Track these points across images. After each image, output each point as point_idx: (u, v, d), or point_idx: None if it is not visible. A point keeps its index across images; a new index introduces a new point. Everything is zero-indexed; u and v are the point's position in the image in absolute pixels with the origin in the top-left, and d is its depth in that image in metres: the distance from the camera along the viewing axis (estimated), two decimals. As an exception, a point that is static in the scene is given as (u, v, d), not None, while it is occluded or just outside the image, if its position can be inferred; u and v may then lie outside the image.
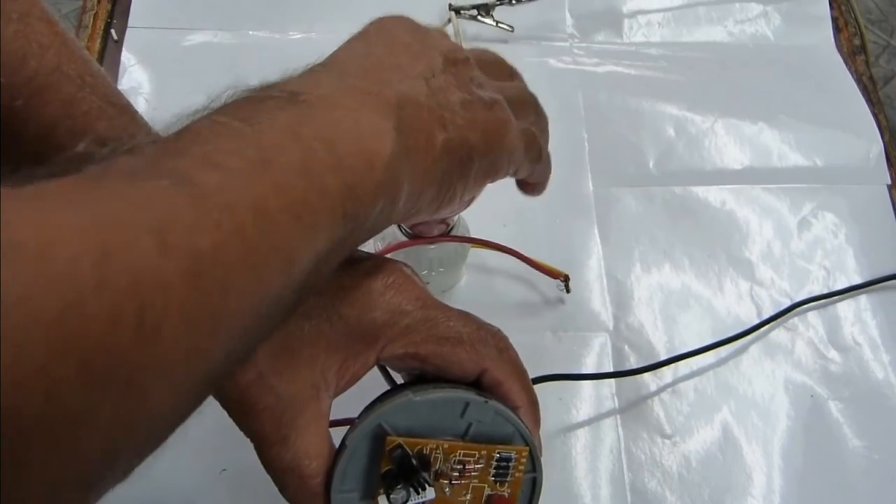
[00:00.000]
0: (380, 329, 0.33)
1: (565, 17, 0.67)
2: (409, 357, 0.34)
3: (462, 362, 0.34)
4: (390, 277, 0.34)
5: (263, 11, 0.65)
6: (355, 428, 0.33)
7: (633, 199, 0.59)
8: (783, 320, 0.55)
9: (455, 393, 0.34)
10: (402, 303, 0.34)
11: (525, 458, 0.35)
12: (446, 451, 0.33)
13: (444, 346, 0.34)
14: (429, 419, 0.33)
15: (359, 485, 0.34)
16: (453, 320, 0.35)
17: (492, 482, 0.34)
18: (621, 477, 0.49)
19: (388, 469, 0.33)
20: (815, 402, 0.53)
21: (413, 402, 0.33)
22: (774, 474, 0.50)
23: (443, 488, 0.34)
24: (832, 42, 0.67)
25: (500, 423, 0.34)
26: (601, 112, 0.63)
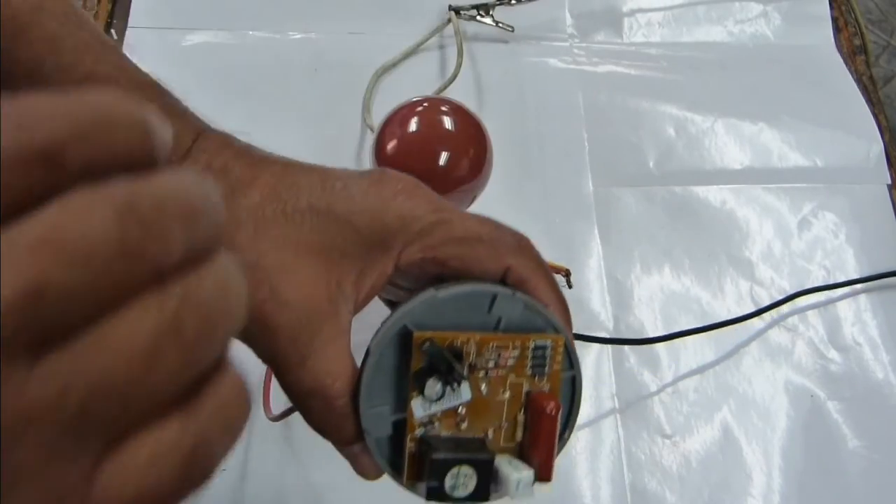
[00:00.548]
0: (394, 234, 0.31)
1: (565, 17, 0.67)
2: (428, 262, 0.32)
3: (483, 262, 0.32)
4: (399, 184, 0.32)
5: (263, 11, 0.65)
6: (378, 334, 0.31)
7: (633, 199, 0.59)
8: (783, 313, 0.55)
9: (481, 286, 0.32)
10: (415, 207, 0.32)
11: (561, 348, 0.32)
12: (478, 343, 0.31)
13: (463, 246, 0.32)
14: (455, 317, 0.31)
15: (388, 397, 0.31)
16: (470, 221, 0.33)
17: (529, 377, 0.32)
18: (621, 477, 0.49)
19: (419, 369, 0.31)
20: (815, 402, 0.53)
21: (437, 298, 0.31)
22: (774, 474, 0.50)
23: (478, 386, 0.32)
24: (832, 42, 0.67)
25: (530, 317, 0.32)
26: (601, 112, 0.63)
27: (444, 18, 0.64)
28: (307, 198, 0.31)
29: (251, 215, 0.30)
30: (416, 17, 0.64)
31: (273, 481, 0.48)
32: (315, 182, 0.32)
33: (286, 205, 0.31)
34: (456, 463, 0.30)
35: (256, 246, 0.30)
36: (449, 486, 0.30)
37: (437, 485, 0.30)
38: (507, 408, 0.32)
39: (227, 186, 0.30)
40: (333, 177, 0.32)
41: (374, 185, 0.32)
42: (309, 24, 0.65)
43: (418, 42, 0.63)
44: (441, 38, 0.64)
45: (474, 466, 0.30)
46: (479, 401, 0.32)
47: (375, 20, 0.65)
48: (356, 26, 0.64)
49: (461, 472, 0.30)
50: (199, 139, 0.31)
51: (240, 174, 0.31)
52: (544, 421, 0.31)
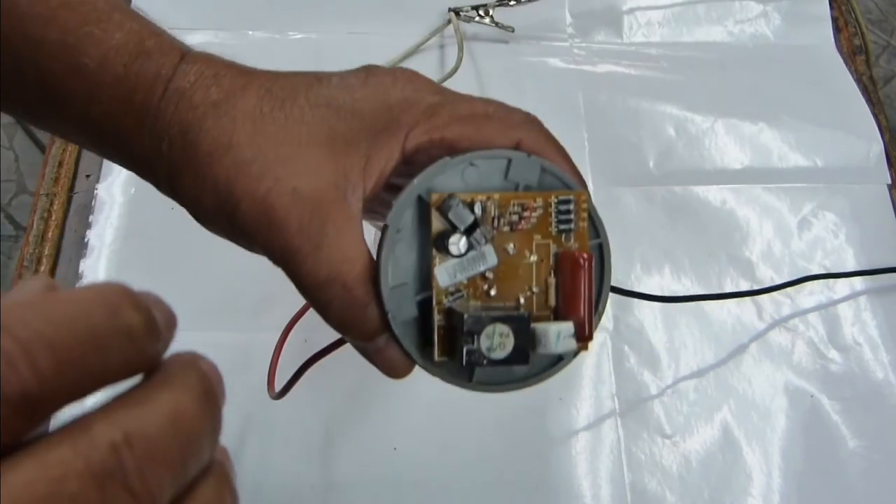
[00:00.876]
0: (398, 117, 0.31)
1: (565, 17, 0.67)
2: (436, 144, 0.31)
3: (493, 139, 0.31)
4: (397, 72, 0.32)
5: (263, 11, 0.65)
6: (393, 208, 0.30)
7: (633, 199, 0.59)
8: (783, 314, 0.55)
9: (495, 150, 0.30)
10: (418, 90, 0.31)
11: (585, 204, 0.31)
12: (499, 201, 0.30)
13: (471, 124, 0.31)
14: (471, 185, 0.30)
15: (410, 274, 0.30)
16: (475, 100, 0.32)
17: (556, 237, 0.30)
18: (621, 477, 0.49)
19: (440, 232, 0.29)
20: (815, 402, 0.53)
21: (450, 162, 0.30)
22: (774, 474, 0.50)
23: (504, 247, 0.30)
24: (832, 42, 0.67)
25: (548, 180, 0.31)
26: (601, 112, 0.63)
27: (444, 19, 0.64)
28: (304, 94, 0.31)
29: (248, 116, 0.30)
30: (416, 17, 0.64)
31: (272, 480, 0.48)
32: (310, 80, 0.31)
33: (283, 103, 0.30)
34: (490, 321, 0.28)
35: (255, 142, 0.29)
36: (485, 347, 0.28)
37: (474, 347, 0.28)
38: (536, 272, 0.30)
39: (220, 92, 0.30)
40: (328, 75, 0.32)
41: (371, 76, 0.32)
42: (309, 25, 0.65)
43: (418, 42, 0.63)
44: (441, 38, 0.64)
45: (510, 324, 0.28)
46: (506, 265, 0.30)
47: (376, 20, 0.65)
48: (356, 27, 0.64)
49: (497, 331, 0.28)
50: (188, 53, 0.31)
51: (232, 80, 0.30)
52: (577, 273, 0.30)
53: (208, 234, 0.32)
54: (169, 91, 0.29)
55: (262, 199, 0.29)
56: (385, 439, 0.49)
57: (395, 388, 0.51)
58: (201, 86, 0.30)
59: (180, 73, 0.30)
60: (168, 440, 0.16)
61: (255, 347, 0.48)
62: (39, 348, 0.14)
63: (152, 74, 0.30)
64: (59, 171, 0.59)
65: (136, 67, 0.29)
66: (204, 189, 0.29)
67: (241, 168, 0.29)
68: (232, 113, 0.30)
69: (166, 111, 0.29)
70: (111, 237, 0.55)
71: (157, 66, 0.30)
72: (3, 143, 1.49)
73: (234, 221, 0.29)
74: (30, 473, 0.14)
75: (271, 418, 0.49)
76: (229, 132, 0.29)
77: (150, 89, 0.30)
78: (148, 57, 0.30)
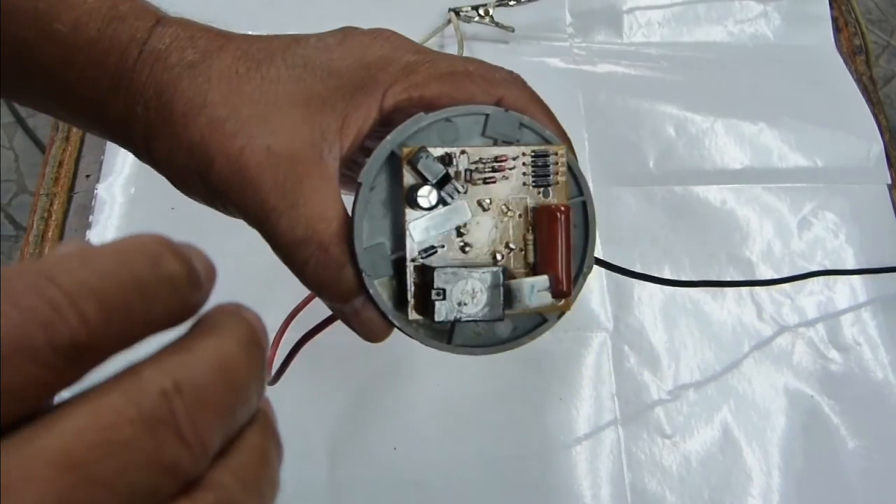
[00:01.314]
0: (376, 75, 0.30)
1: (565, 17, 0.67)
2: (415, 102, 0.30)
3: (474, 96, 0.30)
4: (376, 31, 0.32)
5: (262, 11, 0.65)
6: (366, 164, 0.29)
7: (633, 199, 0.59)
8: (784, 314, 0.55)
9: (472, 106, 0.30)
10: (394, 48, 0.31)
11: (563, 158, 0.30)
12: (472, 155, 0.29)
13: (451, 82, 0.31)
14: (447, 141, 0.29)
15: (385, 232, 0.29)
16: (455, 58, 0.32)
17: (533, 191, 0.30)
18: (621, 477, 0.49)
19: (412, 186, 0.28)
20: (814, 402, 0.53)
21: (425, 117, 0.29)
22: (774, 474, 0.50)
23: (479, 202, 0.29)
24: (832, 42, 0.67)
25: (528, 136, 0.30)
26: (601, 112, 0.63)
27: (444, 19, 0.64)
28: (281, 54, 0.30)
29: (223, 75, 0.29)
30: (417, 17, 0.64)
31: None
32: (288, 42, 0.31)
33: (260, 63, 0.30)
34: (462, 276, 0.27)
35: (230, 101, 0.29)
36: (457, 301, 0.27)
37: (445, 302, 0.27)
38: (514, 228, 0.30)
39: (196, 54, 0.30)
40: (305, 36, 0.32)
41: (349, 35, 0.32)
42: (309, 25, 0.64)
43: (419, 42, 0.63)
44: (441, 38, 0.64)
45: (482, 278, 0.28)
46: (482, 220, 0.29)
47: (375, 21, 0.65)
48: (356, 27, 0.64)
49: (470, 286, 0.28)
50: (164, 18, 0.31)
51: (207, 41, 0.30)
52: (553, 227, 0.29)
53: (207, 233, 0.31)
54: (144, 53, 0.29)
55: (236, 157, 0.28)
56: (385, 439, 0.49)
57: (396, 387, 0.51)
58: (177, 47, 0.30)
59: (156, 35, 0.30)
60: (216, 387, 0.16)
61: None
62: (86, 297, 0.14)
63: (127, 37, 0.29)
64: (59, 171, 0.59)
65: (109, 31, 0.29)
66: (179, 149, 0.29)
67: (216, 126, 0.29)
68: (207, 73, 0.29)
69: (141, 73, 0.29)
70: (111, 237, 0.55)
71: (131, 30, 0.29)
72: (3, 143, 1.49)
73: (208, 181, 0.29)
74: (82, 421, 0.14)
75: (271, 418, 0.49)
76: (204, 92, 0.29)
77: (125, 52, 0.29)
78: (122, 21, 0.30)
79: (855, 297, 0.56)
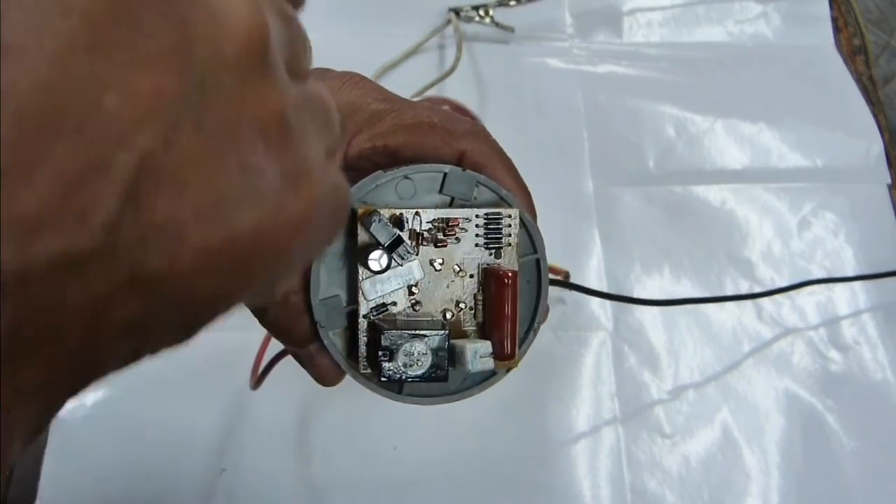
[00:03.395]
0: (341, 123, 0.31)
1: (565, 17, 0.67)
2: (379, 151, 0.30)
3: (437, 149, 0.30)
4: (344, 76, 0.31)
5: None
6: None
7: (633, 199, 0.59)
8: (783, 314, 0.55)
9: (430, 165, 0.30)
10: (362, 95, 0.31)
11: (517, 220, 0.30)
12: (426, 217, 0.30)
13: (415, 133, 0.30)
14: (405, 198, 0.30)
15: (340, 285, 0.30)
16: (420, 108, 0.31)
17: (486, 252, 0.30)
18: (621, 477, 0.49)
19: (365, 245, 0.29)
20: (814, 403, 0.53)
21: (383, 175, 0.29)
22: (774, 474, 0.50)
23: (431, 262, 0.30)
24: (832, 42, 0.67)
25: (485, 194, 0.30)
26: (601, 112, 0.63)
27: (444, 19, 0.64)
28: None
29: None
30: (417, 17, 0.64)
31: (271, 483, 0.48)
32: None
33: None
34: (407, 339, 0.28)
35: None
36: (403, 363, 0.28)
37: (391, 364, 0.28)
38: (465, 287, 0.31)
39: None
40: None
41: (316, 75, 0.30)
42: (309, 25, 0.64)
43: (418, 42, 0.63)
44: (441, 38, 0.64)
45: (427, 341, 0.29)
46: (433, 279, 0.30)
47: (376, 21, 0.65)
48: (356, 27, 0.64)
49: (415, 349, 0.28)
50: None
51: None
52: (501, 291, 0.30)
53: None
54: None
55: None
56: (385, 439, 0.49)
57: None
58: None
59: None
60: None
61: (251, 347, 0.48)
62: None
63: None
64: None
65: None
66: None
67: None
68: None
69: None
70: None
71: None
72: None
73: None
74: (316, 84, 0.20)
75: (272, 418, 0.49)
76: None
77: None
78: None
79: (854, 297, 0.56)
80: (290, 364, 0.37)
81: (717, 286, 0.56)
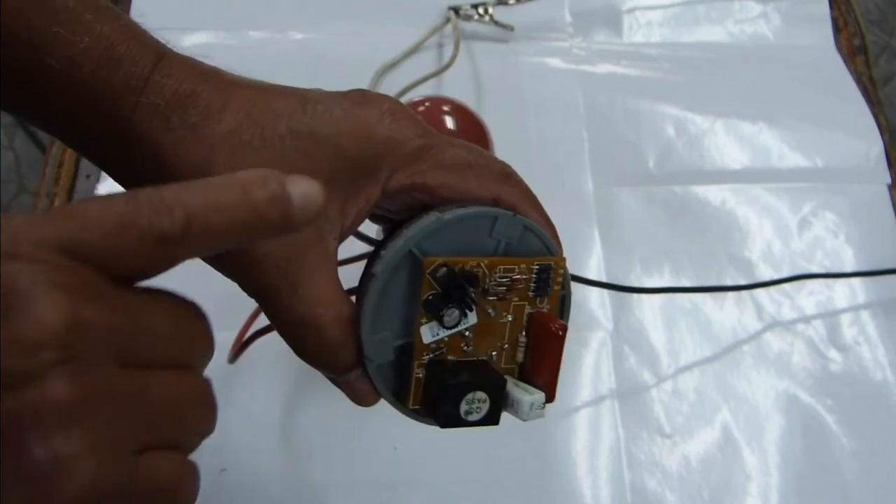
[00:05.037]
0: (381, 158, 0.30)
1: (565, 17, 0.67)
2: (417, 188, 0.31)
3: (473, 191, 0.31)
4: (384, 105, 0.31)
5: (263, 11, 0.65)
6: (383, 259, 0.30)
7: (633, 199, 0.59)
8: (783, 313, 0.55)
9: (483, 209, 0.31)
10: (403, 129, 0.31)
11: (562, 269, 0.32)
12: (488, 267, 0.30)
13: (453, 174, 0.31)
14: (458, 241, 0.30)
15: (393, 323, 0.30)
16: (457, 147, 0.32)
17: (531, 298, 0.32)
18: (621, 477, 0.49)
19: (430, 294, 0.30)
20: (814, 402, 0.53)
21: (443, 220, 0.30)
22: (774, 474, 0.50)
23: (486, 311, 0.31)
24: (832, 42, 0.67)
25: (529, 239, 0.32)
26: (601, 112, 0.63)
27: (443, 17, 0.64)
28: (286, 122, 0.29)
29: (226, 141, 0.29)
30: (417, 16, 0.64)
31: (271, 484, 0.48)
32: (293, 105, 0.30)
33: (264, 129, 0.29)
34: (471, 388, 0.29)
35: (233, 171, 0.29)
36: (464, 411, 0.29)
37: (453, 411, 0.29)
38: (509, 330, 0.32)
39: (196, 113, 0.29)
40: (313, 99, 0.30)
41: (357, 106, 0.31)
42: (310, 25, 0.65)
43: (418, 41, 0.63)
44: (441, 37, 0.64)
45: (488, 391, 0.29)
46: (483, 323, 0.31)
47: (376, 20, 0.65)
48: (357, 27, 0.64)
49: (476, 398, 0.29)
50: (161, 62, 0.29)
51: (209, 99, 0.29)
52: (551, 341, 0.31)
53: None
54: (142, 105, 0.29)
55: None
56: (385, 439, 0.49)
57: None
58: (178, 106, 0.29)
59: (153, 87, 0.29)
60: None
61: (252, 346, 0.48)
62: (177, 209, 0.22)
63: (121, 84, 0.28)
64: (60, 171, 0.59)
65: (104, 74, 0.28)
66: None
67: None
68: (210, 139, 0.29)
69: (139, 126, 0.29)
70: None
71: (125, 76, 0.28)
72: (4, 143, 1.49)
73: (209, 256, 0.29)
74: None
75: (272, 417, 0.49)
76: (206, 158, 0.29)
77: (119, 100, 0.29)
78: (117, 65, 0.28)
79: (854, 297, 0.56)
80: (290, 365, 0.37)
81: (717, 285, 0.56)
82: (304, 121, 0.30)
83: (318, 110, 0.30)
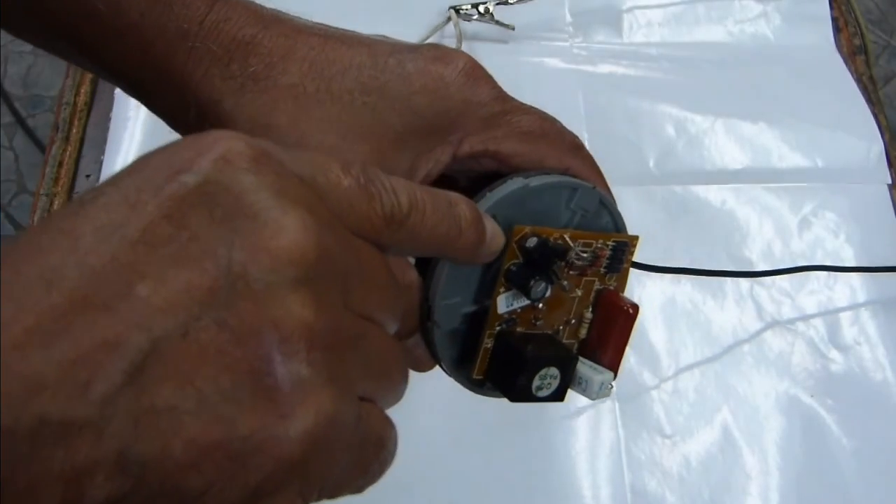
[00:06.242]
0: (455, 120, 0.29)
1: (565, 17, 0.67)
2: (489, 155, 0.30)
3: (545, 160, 0.30)
4: (460, 63, 0.29)
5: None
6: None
7: (633, 199, 0.59)
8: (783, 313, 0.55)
9: (565, 179, 0.30)
10: (479, 92, 0.29)
11: (635, 248, 0.31)
12: (571, 239, 0.29)
13: (527, 143, 0.30)
14: (536, 210, 0.29)
15: (464, 290, 0.29)
16: (532, 115, 0.31)
17: (601, 275, 0.31)
18: (621, 477, 0.49)
19: (513, 263, 0.28)
20: (814, 402, 0.53)
21: (529, 188, 0.29)
22: (774, 474, 0.50)
23: (561, 284, 0.30)
24: (832, 42, 0.67)
25: (601, 213, 0.31)
26: (601, 112, 0.63)
27: (444, 17, 0.64)
28: (355, 75, 0.28)
29: (290, 94, 0.27)
30: (417, 16, 0.64)
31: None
32: (363, 57, 0.28)
33: (330, 82, 0.27)
34: (548, 363, 0.28)
35: (297, 126, 0.27)
36: (535, 386, 0.28)
37: (527, 385, 0.28)
38: (576, 305, 0.31)
39: (258, 62, 0.27)
40: (384, 52, 0.29)
41: (432, 63, 0.29)
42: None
43: (419, 41, 0.63)
44: (441, 36, 0.64)
45: (561, 367, 0.29)
46: (556, 297, 0.30)
47: (376, 20, 0.65)
48: (356, 26, 0.64)
49: (549, 373, 0.29)
50: (217, 4, 0.27)
51: (272, 46, 0.27)
52: (623, 320, 0.30)
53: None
54: (197, 51, 0.27)
55: None
56: (385, 439, 0.49)
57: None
58: (238, 53, 0.27)
59: (209, 31, 0.27)
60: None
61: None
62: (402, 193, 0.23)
63: (173, 28, 0.26)
64: (59, 171, 0.59)
65: (153, 17, 0.26)
66: None
67: None
68: (273, 90, 0.27)
69: (194, 73, 0.27)
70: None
71: (178, 19, 0.27)
72: (3, 143, 1.49)
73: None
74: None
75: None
76: (268, 111, 0.27)
77: (172, 45, 0.27)
78: (167, 7, 0.27)
79: (855, 296, 0.56)
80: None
81: (717, 286, 0.56)
82: (374, 76, 0.28)
83: (390, 64, 0.28)
